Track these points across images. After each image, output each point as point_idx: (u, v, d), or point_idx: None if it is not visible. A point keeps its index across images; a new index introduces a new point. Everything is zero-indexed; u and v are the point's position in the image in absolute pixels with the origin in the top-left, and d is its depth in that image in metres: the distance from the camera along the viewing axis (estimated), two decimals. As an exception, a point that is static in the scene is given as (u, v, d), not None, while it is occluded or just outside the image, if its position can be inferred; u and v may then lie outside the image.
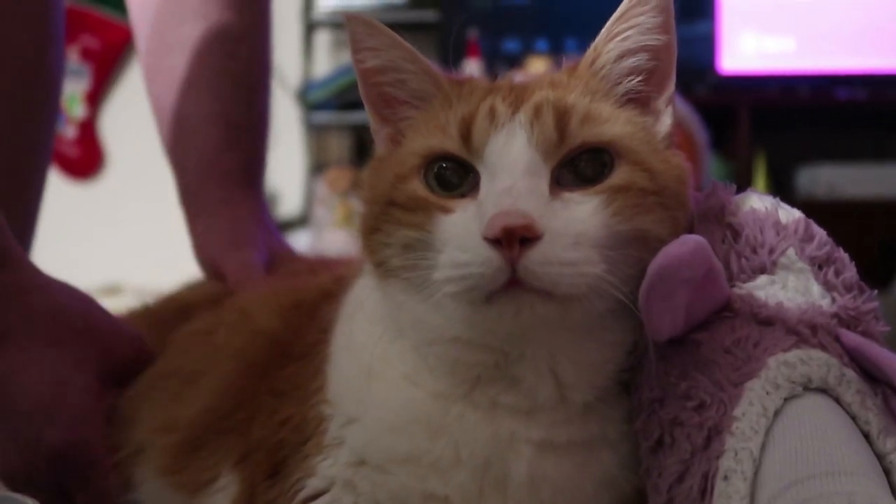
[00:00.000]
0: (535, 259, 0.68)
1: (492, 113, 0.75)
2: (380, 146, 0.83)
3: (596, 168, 0.74)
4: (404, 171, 0.77)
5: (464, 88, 0.80)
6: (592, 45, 0.80)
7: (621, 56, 0.79)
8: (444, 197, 0.75)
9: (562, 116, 0.74)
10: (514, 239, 0.68)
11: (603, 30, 0.79)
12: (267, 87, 1.32)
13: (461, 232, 0.71)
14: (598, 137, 0.74)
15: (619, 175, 0.74)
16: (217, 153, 1.25)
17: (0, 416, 0.95)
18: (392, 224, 0.76)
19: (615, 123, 0.76)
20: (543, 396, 0.76)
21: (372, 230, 0.78)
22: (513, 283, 0.69)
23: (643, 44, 0.79)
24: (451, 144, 0.75)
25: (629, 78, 0.80)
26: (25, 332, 0.95)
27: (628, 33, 0.79)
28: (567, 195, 0.73)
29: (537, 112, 0.74)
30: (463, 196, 0.74)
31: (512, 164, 0.72)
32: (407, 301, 0.77)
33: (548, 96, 0.76)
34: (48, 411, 0.93)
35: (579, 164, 0.74)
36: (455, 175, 0.75)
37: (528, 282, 0.69)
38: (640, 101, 0.80)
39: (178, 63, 1.27)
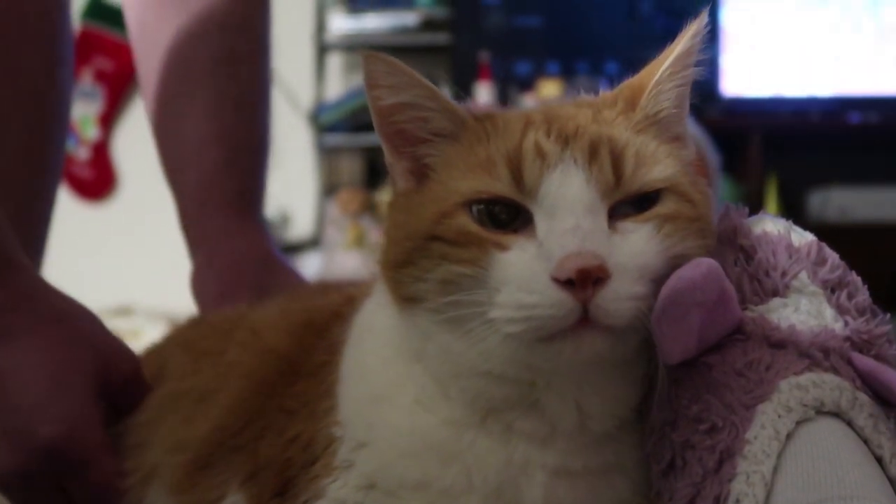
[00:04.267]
0: (607, 297, 0.68)
1: (539, 151, 0.74)
2: (399, 180, 0.81)
3: (644, 202, 0.74)
4: (448, 208, 0.75)
5: (496, 122, 0.79)
6: (654, 82, 0.79)
7: (678, 94, 0.79)
8: (497, 233, 0.73)
9: (618, 159, 0.74)
10: (588, 280, 0.68)
11: (665, 67, 0.78)
12: (267, 109, 1.33)
13: (524, 272, 0.70)
14: (654, 185, 0.75)
15: (667, 205, 0.74)
16: (217, 175, 1.25)
17: None
18: (432, 259, 0.74)
19: (664, 163, 0.76)
20: (564, 425, 0.76)
21: (402, 264, 0.77)
22: (581, 323, 0.69)
23: (693, 79, 0.80)
24: (502, 187, 0.74)
25: (676, 114, 0.80)
26: (28, 333, 0.95)
27: (687, 72, 0.79)
28: (620, 225, 0.73)
29: (594, 152, 0.73)
30: (515, 232, 0.73)
31: (572, 203, 0.71)
32: (437, 333, 0.76)
33: (601, 135, 0.75)
34: (44, 408, 0.94)
35: (630, 201, 0.74)
36: (504, 212, 0.74)
37: (600, 320, 0.69)
38: (676, 134, 0.80)
39: (178, 85, 1.28)
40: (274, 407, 0.86)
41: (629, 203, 0.74)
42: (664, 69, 0.78)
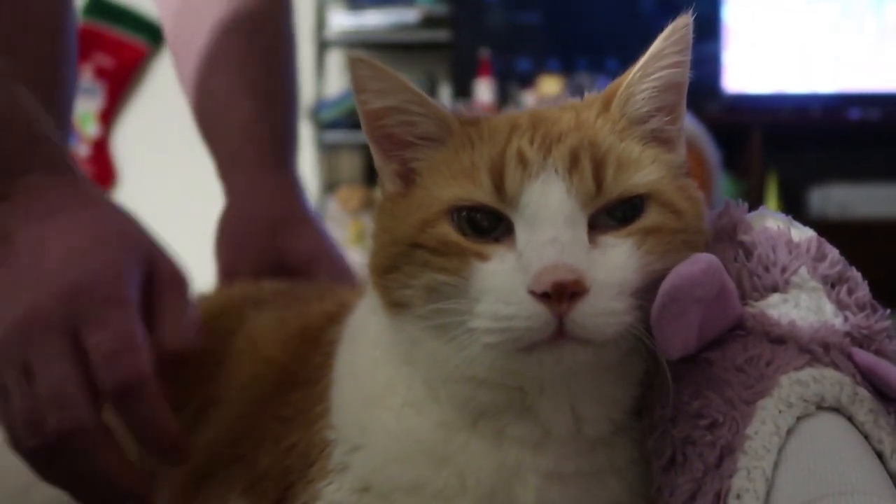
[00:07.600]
0: (583, 312, 0.68)
1: (522, 159, 0.73)
2: (387, 182, 0.81)
3: (627, 211, 0.74)
4: (431, 216, 0.75)
5: (482, 128, 0.78)
6: (625, 84, 0.78)
7: (654, 96, 0.78)
8: (478, 242, 0.73)
9: (598, 166, 0.73)
10: (564, 294, 0.67)
11: (636, 69, 0.78)
12: (294, 65, 1.38)
13: (502, 283, 0.70)
14: (635, 189, 0.74)
15: (650, 217, 0.74)
16: (248, 124, 1.30)
17: (24, 267, 0.87)
18: (415, 266, 0.74)
19: (647, 169, 0.75)
20: (558, 430, 0.76)
21: (388, 270, 0.77)
22: (558, 335, 0.69)
23: (674, 81, 0.78)
24: (483, 195, 0.73)
25: (658, 117, 0.79)
26: (75, 212, 0.90)
27: (661, 73, 0.78)
28: (602, 239, 0.72)
29: (574, 160, 0.73)
30: (496, 241, 0.73)
31: (552, 214, 0.71)
32: (424, 339, 0.76)
33: (582, 141, 0.74)
34: (79, 261, 0.86)
35: (612, 209, 0.74)
36: (486, 219, 0.74)
37: (575, 333, 0.68)
38: (663, 138, 0.79)
39: (206, 40, 1.31)
40: (271, 416, 0.87)
41: (612, 214, 0.73)
42: (635, 71, 0.78)
